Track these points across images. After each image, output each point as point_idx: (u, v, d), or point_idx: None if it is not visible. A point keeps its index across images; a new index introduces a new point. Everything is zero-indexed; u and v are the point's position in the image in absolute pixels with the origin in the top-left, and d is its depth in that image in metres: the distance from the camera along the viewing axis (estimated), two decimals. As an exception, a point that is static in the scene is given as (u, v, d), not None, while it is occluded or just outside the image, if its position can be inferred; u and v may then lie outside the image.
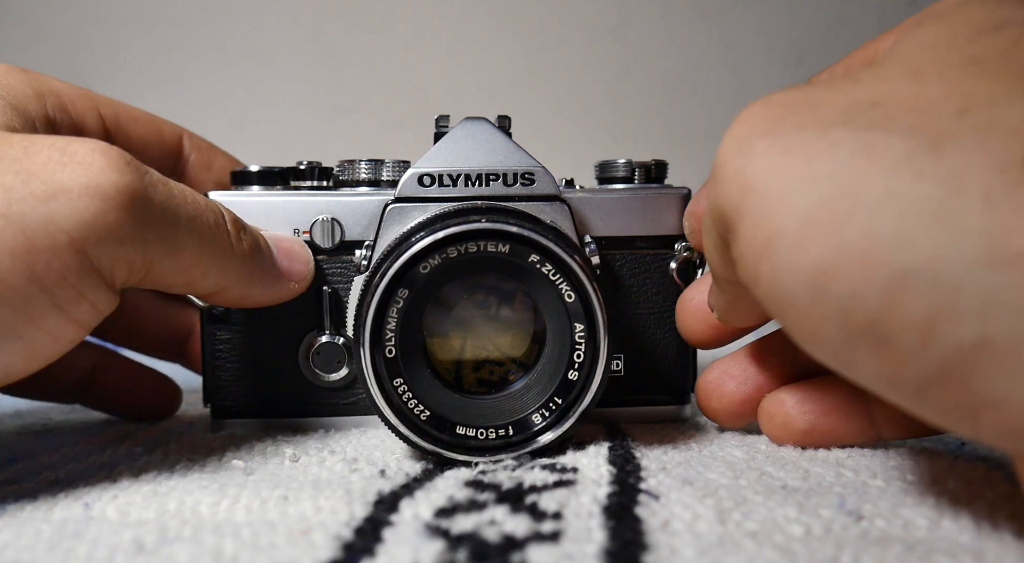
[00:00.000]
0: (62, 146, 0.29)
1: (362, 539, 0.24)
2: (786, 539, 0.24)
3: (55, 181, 0.28)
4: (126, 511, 0.28)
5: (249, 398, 0.40)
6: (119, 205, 0.29)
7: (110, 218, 0.29)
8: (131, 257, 0.30)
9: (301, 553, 0.23)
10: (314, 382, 0.40)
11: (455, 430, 0.34)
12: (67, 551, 0.24)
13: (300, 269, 0.38)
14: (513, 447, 0.34)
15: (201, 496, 0.29)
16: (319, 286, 0.39)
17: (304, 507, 0.27)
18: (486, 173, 0.37)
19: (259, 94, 1.01)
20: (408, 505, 0.27)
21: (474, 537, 0.24)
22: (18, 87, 0.35)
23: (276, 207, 0.39)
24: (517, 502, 0.27)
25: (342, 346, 0.40)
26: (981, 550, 0.23)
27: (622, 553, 0.23)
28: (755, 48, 1.01)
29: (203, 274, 0.33)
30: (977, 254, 0.18)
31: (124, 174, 0.29)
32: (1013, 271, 0.18)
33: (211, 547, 0.24)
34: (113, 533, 0.25)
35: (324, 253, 0.39)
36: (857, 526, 0.25)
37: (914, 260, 0.19)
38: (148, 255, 0.30)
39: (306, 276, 0.38)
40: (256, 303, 0.37)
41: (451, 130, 0.38)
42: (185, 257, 0.32)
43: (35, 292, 0.28)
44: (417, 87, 1.02)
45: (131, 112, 0.42)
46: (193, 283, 0.33)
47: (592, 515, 0.26)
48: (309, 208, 0.39)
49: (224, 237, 0.33)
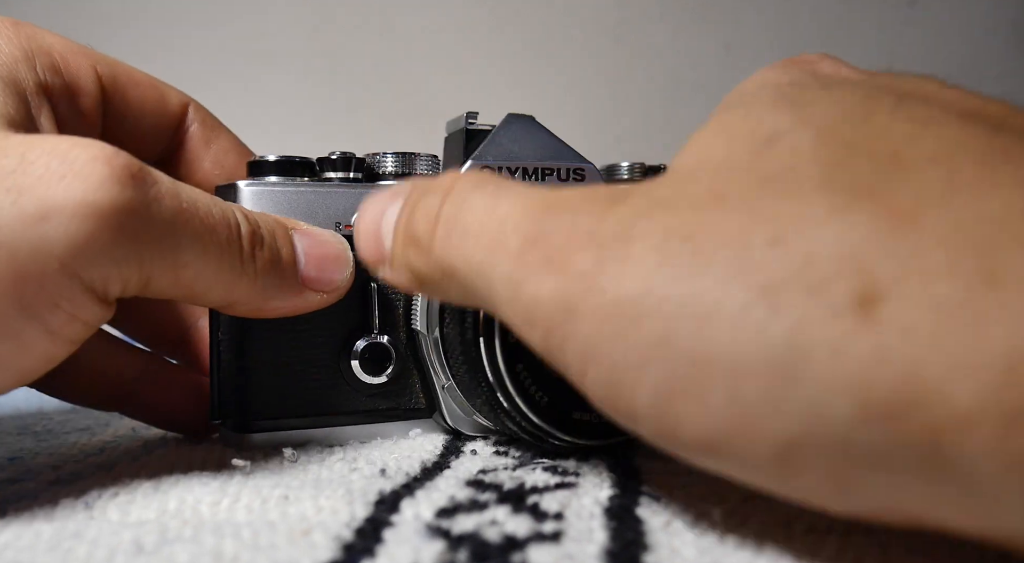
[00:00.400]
0: (63, 152, 0.27)
1: (362, 539, 0.24)
2: (788, 538, 0.24)
3: (48, 198, 0.26)
4: (127, 510, 0.28)
5: (275, 409, 0.37)
6: (116, 224, 0.27)
7: (104, 238, 0.26)
8: (126, 275, 0.28)
9: (301, 554, 0.23)
10: (354, 387, 0.38)
11: (571, 415, 0.33)
12: (67, 551, 0.24)
13: (332, 278, 0.34)
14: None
15: (202, 495, 0.29)
16: (365, 283, 0.37)
17: (305, 507, 0.27)
18: (542, 168, 0.37)
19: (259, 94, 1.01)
20: (409, 505, 0.27)
21: (475, 537, 0.24)
22: (6, 50, 0.33)
23: (316, 199, 0.37)
24: (519, 502, 0.27)
25: (388, 344, 0.38)
26: (984, 548, 0.22)
27: (623, 553, 0.23)
28: (755, 48, 1.01)
29: (206, 290, 0.31)
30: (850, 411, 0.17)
31: (125, 188, 0.27)
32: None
33: (211, 547, 0.24)
34: (113, 533, 0.25)
35: None
36: (860, 525, 0.25)
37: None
38: (145, 272, 0.28)
39: (339, 285, 0.34)
40: (273, 316, 0.34)
41: (498, 127, 0.37)
42: (187, 274, 0.29)
43: (24, 321, 0.26)
44: (417, 87, 1.02)
45: (132, 73, 0.38)
46: (196, 297, 0.31)
47: (594, 516, 0.26)
48: (352, 200, 0.37)
49: (235, 254, 0.31)
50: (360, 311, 0.38)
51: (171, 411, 0.40)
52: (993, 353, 0.15)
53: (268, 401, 0.37)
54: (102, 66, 0.37)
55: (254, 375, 0.36)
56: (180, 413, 0.40)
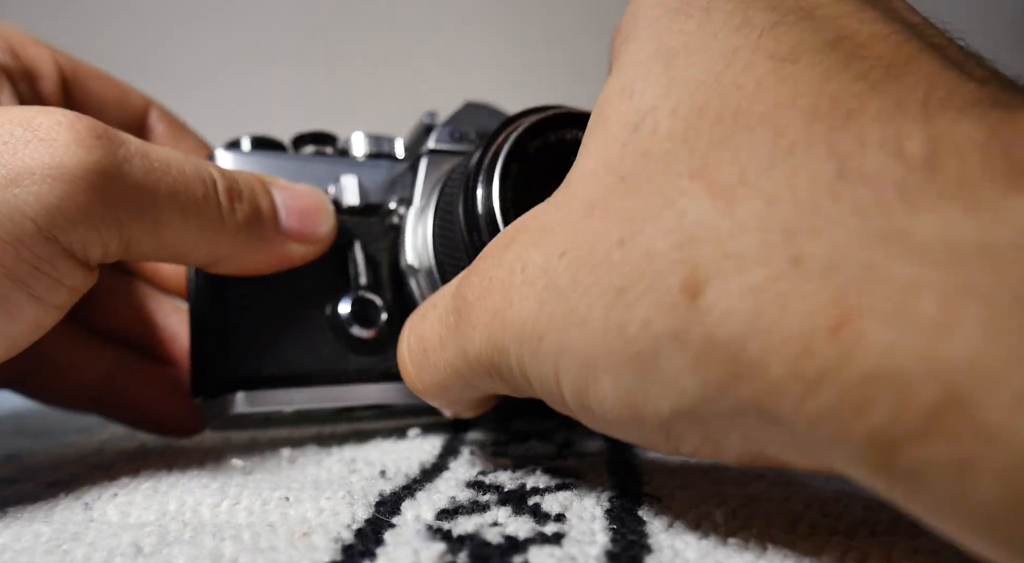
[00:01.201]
0: (26, 119, 0.27)
1: (363, 541, 0.24)
2: (792, 540, 0.24)
3: (17, 164, 0.26)
4: (126, 512, 0.28)
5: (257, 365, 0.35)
6: (88, 186, 0.27)
7: (78, 200, 0.27)
8: (105, 238, 0.28)
9: (301, 556, 0.23)
10: (344, 345, 0.36)
11: None
12: (65, 554, 0.23)
13: (315, 230, 0.34)
14: None
15: (202, 496, 0.28)
16: (347, 244, 0.37)
17: (305, 508, 0.27)
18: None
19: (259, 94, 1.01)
20: (410, 507, 0.27)
21: (476, 538, 0.24)
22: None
23: (291, 167, 0.37)
24: (520, 504, 0.27)
25: (374, 297, 0.37)
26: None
27: (625, 555, 0.23)
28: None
29: (190, 249, 0.31)
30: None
31: (92, 151, 0.27)
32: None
33: (210, 550, 0.23)
34: (112, 535, 0.25)
35: (349, 212, 0.38)
36: (864, 527, 0.25)
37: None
38: (125, 234, 0.29)
39: (322, 236, 0.35)
40: (259, 271, 0.34)
41: (453, 114, 0.38)
42: (167, 233, 0.30)
43: (8, 286, 0.27)
44: (418, 87, 1.02)
45: (93, 68, 0.39)
46: (180, 257, 0.32)
47: (595, 517, 0.26)
48: (330, 169, 0.38)
49: (214, 209, 0.31)
50: (342, 269, 0.37)
51: (151, 408, 0.39)
52: (793, 330, 0.17)
53: (249, 358, 0.34)
54: (62, 58, 0.37)
55: (234, 336, 0.35)
56: (160, 408, 0.39)
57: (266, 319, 0.35)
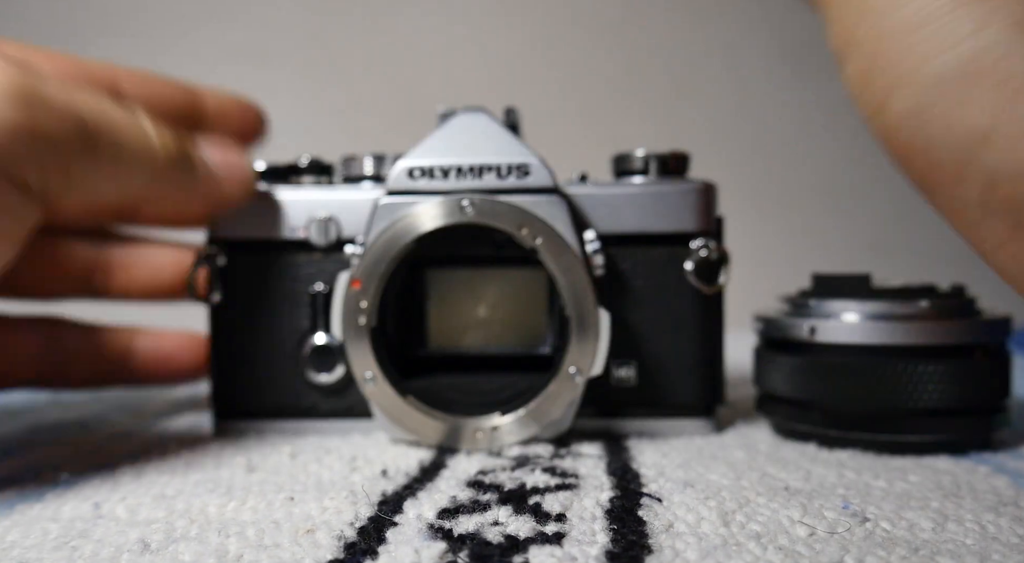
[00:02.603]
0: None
1: (365, 539, 0.24)
2: (790, 541, 0.24)
3: None
4: (135, 510, 0.28)
5: (252, 399, 0.39)
6: (11, 103, 0.28)
7: (4, 117, 0.28)
8: (42, 159, 0.29)
9: (304, 553, 0.23)
10: (314, 384, 0.39)
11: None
12: (73, 550, 0.24)
13: (239, 161, 0.37)
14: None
15: (209, 498, 0.29)
16: (310, 286, 0.39)
17: (309, 507, 0.27)
18: (479, 165, 0.36)
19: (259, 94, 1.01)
20: (412, 506, 0.27)
21: (476, 538, 0.24)
22: None
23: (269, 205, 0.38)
24: (520, 503, 0.27)
25: (333, 348, 0.39)
26: (986, 552, 0.23)
27: (625, 555, 0.23)
28: (755, 48, 1.01)
29: (129, 178, 0.32)
30: None
31: (6, 71, 0.28)
32: None
33: (215, 546, 0.24)
34: (120, 532, 0.25)
35: (320, 251, 0.39)
36: (862, 528, 0.25)
37: None
38: (61, 156, 0.30)
39: (244, 179, 0.37)
40: (196, 212, 0.36)
41: (447, 122, 0.37)
42: (104, 157, 0.31)
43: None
44: (420, 85, 1.02)
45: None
46: (122, 190, 0.33)
47: (595, 517, 0.26)
48: (304, 206, 0.38)
49: (144, 137, 0.32)
50: (311, 314, 0.39)
51: (147, 285, 0.43)
52: None
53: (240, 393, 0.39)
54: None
55: (234, 368, 0.39)
56: (155, 284, 0.43)
57: (249, 357, 0.39)
